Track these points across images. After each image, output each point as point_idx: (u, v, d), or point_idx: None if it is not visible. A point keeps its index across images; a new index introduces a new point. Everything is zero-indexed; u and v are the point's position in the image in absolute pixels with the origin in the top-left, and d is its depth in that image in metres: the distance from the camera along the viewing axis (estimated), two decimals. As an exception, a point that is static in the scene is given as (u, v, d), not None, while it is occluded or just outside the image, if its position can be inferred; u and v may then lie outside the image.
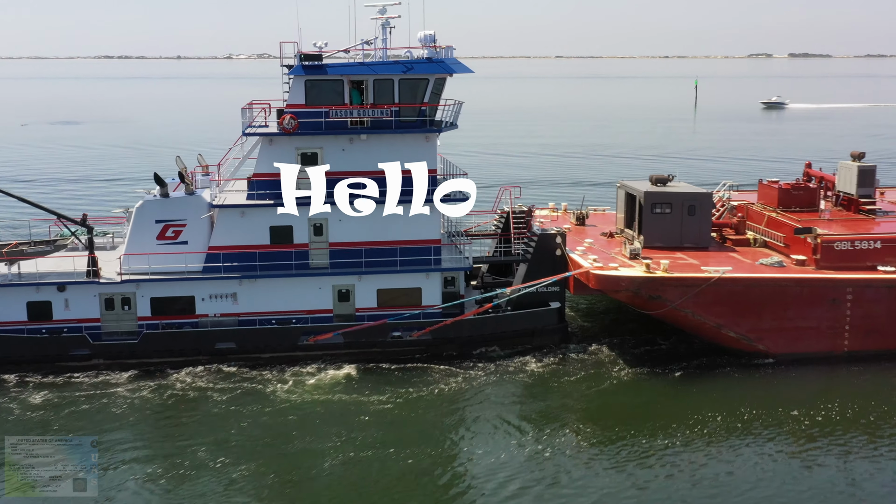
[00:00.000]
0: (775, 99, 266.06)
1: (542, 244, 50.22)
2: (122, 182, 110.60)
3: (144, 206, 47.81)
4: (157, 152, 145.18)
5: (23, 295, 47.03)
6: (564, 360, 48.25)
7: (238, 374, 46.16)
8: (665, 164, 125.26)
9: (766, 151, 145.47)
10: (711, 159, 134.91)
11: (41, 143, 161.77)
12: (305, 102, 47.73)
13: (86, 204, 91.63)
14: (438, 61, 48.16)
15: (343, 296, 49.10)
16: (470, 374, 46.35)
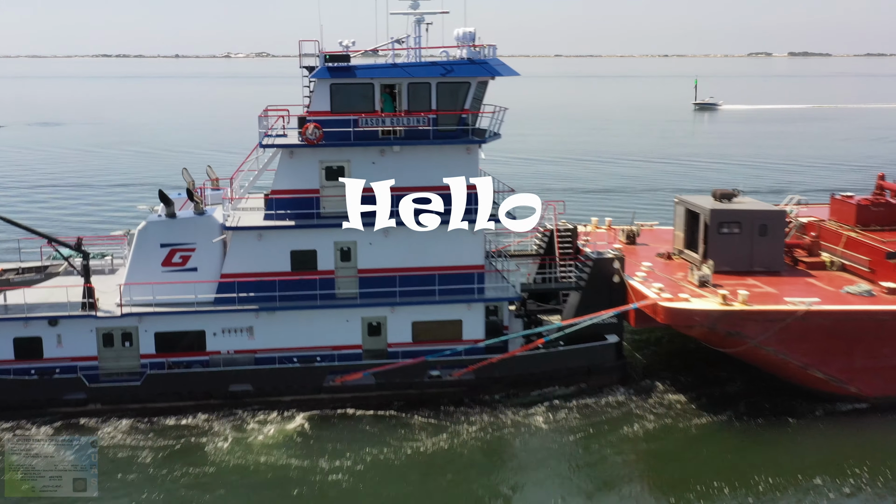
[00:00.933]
0: (708, 100, 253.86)
1: (598, 270, 44.30)
2: (112, 190, 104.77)
3: (148, 227, 41.87)
4: (153, 157, 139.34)
5: (9, 330, 41.09)
6: (624, 403, 42.41)
7: (255, 421, 40.24)
8: (668, 168, 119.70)
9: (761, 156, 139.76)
10: (707, 165, 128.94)
11: (17, 147, 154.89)
12: (331, 109, 41.81)
13: (72, 217, 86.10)
14: (481, 62, 42.27)
15: (374, 329, 43.19)
16: (516, 419, 40.67)
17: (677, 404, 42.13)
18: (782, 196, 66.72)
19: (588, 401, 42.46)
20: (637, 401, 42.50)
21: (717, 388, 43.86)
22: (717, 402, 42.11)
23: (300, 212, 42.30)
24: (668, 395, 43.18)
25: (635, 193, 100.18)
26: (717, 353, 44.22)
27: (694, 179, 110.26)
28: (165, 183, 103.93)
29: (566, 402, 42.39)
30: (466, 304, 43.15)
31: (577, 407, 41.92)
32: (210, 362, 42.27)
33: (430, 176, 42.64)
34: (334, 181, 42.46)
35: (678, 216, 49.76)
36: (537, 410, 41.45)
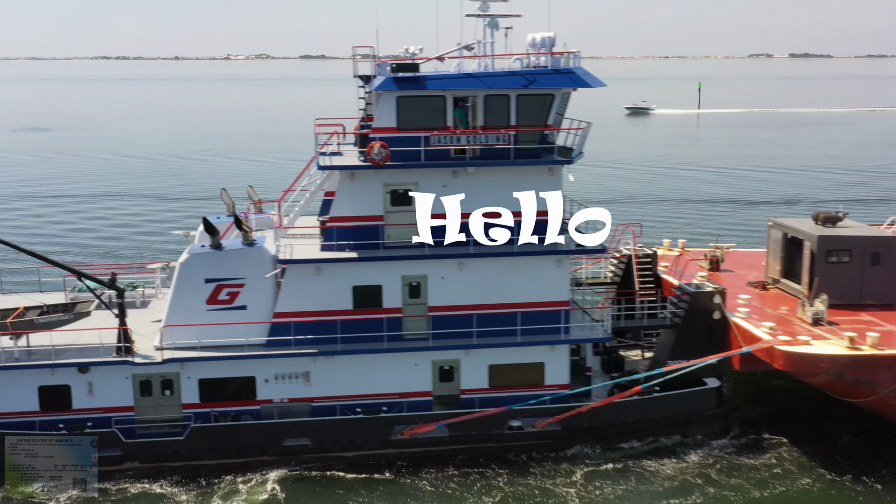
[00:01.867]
0: (641, 104, 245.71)
1: (697, 305, 39.26)
2: (106, 199, 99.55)
3: (191, 260, 36.77)
4: (152, 166, 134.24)
5: (34, 378, 36.02)
6: (728, 458, 37.47)
7: (320, 483, 35.18)
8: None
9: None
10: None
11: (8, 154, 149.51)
12: (397, 125, 36.74)
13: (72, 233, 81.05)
14: (567, 72, 37.26)
15: (446, 374, 38.16)
16: (606, 477, 35.79)
17: (787, 461, 37.15)
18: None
19: (684, 455, 37.48)
20: (742, 456, 37.57)
21: (828, 442, 38.78)
22: (830, 460, 37.03)
23: (362, 242, 37.23)
24: (776, 448, 38.22)
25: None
26: (824, 399, 39.28)
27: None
28: (171, 193, 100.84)
29: (659, 457, 37.40)
30: (550, 345, 38.08)
31: (672, 463, 36.94)
32: (261, 412, 37.22)
33: (509, 200, 37.61)
34: (400, 207, 37.44)
35: (773, 241, 44.74)
36: (630, 466, 36.47)
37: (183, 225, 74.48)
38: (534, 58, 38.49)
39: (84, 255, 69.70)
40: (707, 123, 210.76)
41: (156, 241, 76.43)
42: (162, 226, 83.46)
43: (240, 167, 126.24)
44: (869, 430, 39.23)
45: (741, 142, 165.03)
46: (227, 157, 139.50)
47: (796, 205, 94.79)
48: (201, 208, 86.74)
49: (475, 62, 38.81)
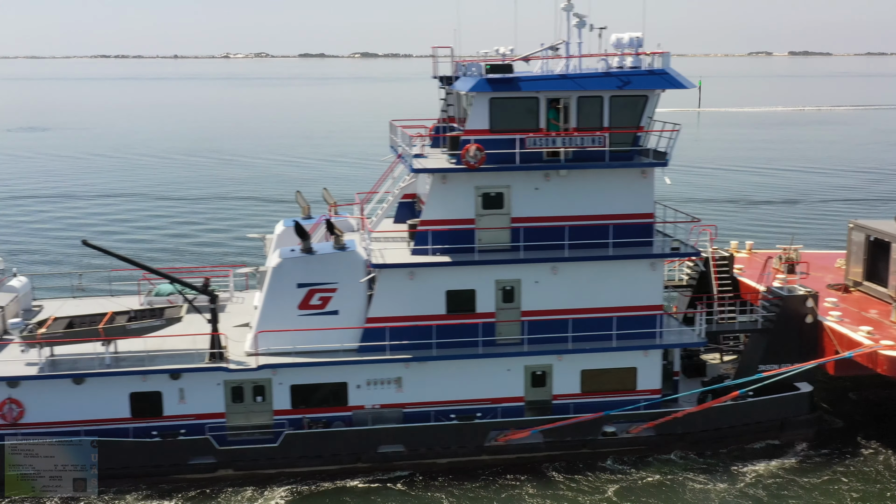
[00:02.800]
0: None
1: (789, 309, 38.78)
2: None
3: (284, 265, 36.25)
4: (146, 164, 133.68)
5: (125, 384, 35.51)
6: (821, 463, 37.02)
7: (412, 490, 34.74)
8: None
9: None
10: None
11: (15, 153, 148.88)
12: (489, 127, 36.23)
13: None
14: (661, 72, 36.77)
15: (538, 379, 37.67)
16: (697, 484, 35.34)
17: (880, 466, 36.72)
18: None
19: (780, 460, 37.11)
20: (835, 461, 37.17)
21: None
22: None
23: (455, 246, 36.73)
24: (868, 454, 37.81)
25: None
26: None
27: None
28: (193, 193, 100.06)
29: (752, 462, 37.01)
30: (644, 350, 37.61)
31: (767, 467, 36.55)
32: (353, 418, 36.73)
33: (601, 203, 37.15)
34: (492, 210, 36.95)
35: (855, 243, 44.28)
36: (723, 472, 36.09)
37: (245, 227, 74.51)
38: (618, 58, 37.97)
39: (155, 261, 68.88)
40: (708, 122, 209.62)
41: (220, 244, 76.05)
42: (228, 227, 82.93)
43: (282, 170, 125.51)
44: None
45: (744, 142, 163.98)
46: (270, 159, 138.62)
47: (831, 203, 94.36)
48: (260, 211, 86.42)
49: (560, 64, 38.35)
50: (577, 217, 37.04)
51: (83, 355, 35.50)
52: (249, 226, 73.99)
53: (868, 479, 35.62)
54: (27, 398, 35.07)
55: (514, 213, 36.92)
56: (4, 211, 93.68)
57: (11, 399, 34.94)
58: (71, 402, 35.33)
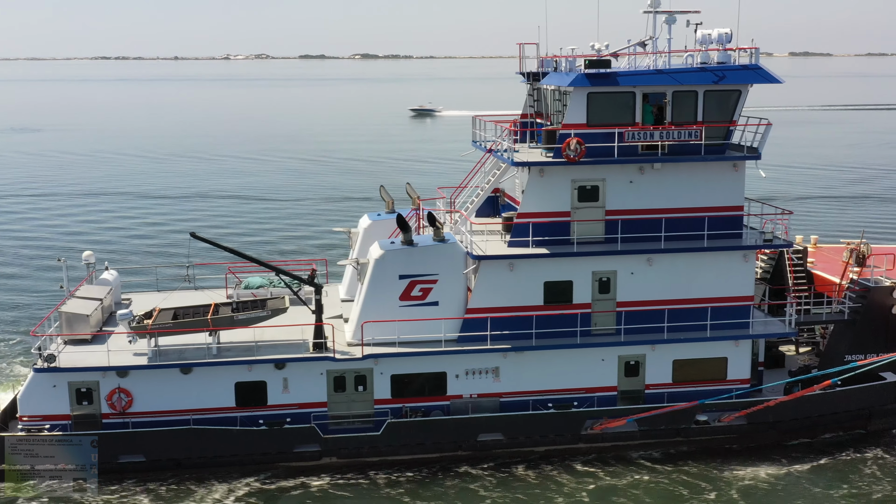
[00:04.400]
0: (428, 105, 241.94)
1: (875, 300, 39.50)
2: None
3: (386, 256, 36.90)
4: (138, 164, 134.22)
5: (231, 374, 36.15)
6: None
7: (509, 478, 35.41)
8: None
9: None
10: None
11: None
12: (587, 121, 36.91)
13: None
14: (755, 68, 37.48)
15: (631, 369, 38.35)
16: (785, 472, 36.14)
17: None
18: None
19: (868, 449, 37.91)
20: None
21: None
22: None
23: (551, 238, 37.40)
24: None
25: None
26: None
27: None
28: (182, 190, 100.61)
29: (843, 450, 37.76)
30: (734, 340, 38.30)
31: (855, 456, 37.37)
32: (451, 408, 37.39)
33: (694, 196, 37.85)
34: (588, 202, 37.63)
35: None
36: (812, 461, 36.87)
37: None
38: (702, 54, 38.61)
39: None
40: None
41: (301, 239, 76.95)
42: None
43: (339, 169, 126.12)
44: None
45: (801, 139, 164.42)
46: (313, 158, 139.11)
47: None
48: (334, 208, 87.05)
49: (647, 59, 39.04)
50: (669, 210, 37.71)
51: (190, 345, 36.10)
52: (332, 222, 74.48)
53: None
54: (136, 387, 35.69)
55: (608, 205, 37.59)
56: (90, 209, 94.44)
57: (121, 388, 35.55)
58: (178, 392, 35.94)
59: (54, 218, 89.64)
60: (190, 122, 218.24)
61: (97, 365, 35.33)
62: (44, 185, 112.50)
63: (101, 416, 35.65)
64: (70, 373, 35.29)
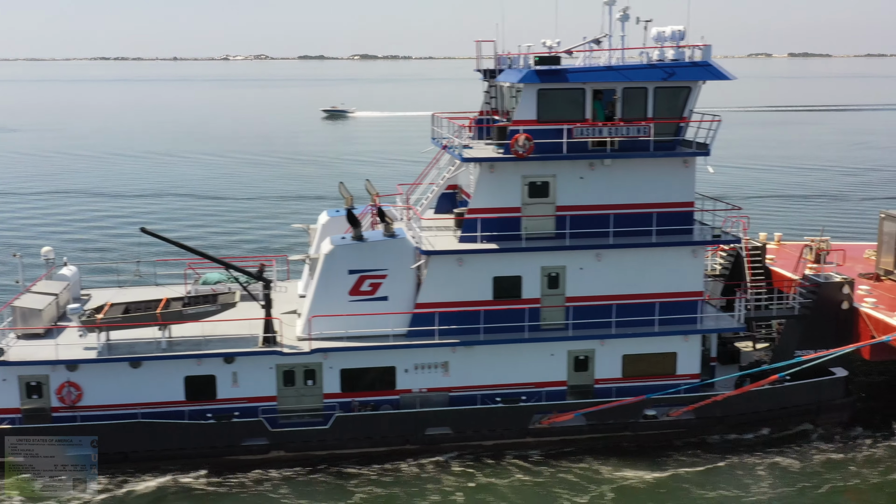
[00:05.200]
0: (340, 106, 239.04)
1: (825, 296, 39.71)
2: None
3: (336, 252, 37.14)
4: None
5: (180, 368, 36.37)
6: (856, 446, 37.88)
7: (457, 470, 35.61)
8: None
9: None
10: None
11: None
12: (537, 118, 37.13)
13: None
14: (704, 64, 37.67)
15: (580, 364, 38.56)
16: (733, 466, 36.31)
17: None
18: None
19: (816, 444, 38.06)
20: (870, 444, 38.00)
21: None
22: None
23: (501, 233, 37.63)
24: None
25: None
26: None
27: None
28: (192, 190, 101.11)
29: (790, 444, 37.94)
30: (684, 335, 38.52)
31: (802, 450, 37.48)
32: (400, 402, 37.61)
33: (644, 192, 38.07)
34: (538, 198, 37.84)
35: (886, 233, 45.18)
36: (759, 455, 37.04)
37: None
38: (658, 51, 38.83)
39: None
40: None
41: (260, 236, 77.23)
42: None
43: (311, 167, 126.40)
44: None
45: (769, 140, 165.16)
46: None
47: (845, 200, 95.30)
48: (302, 206, 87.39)
49: (603, 56, 39.25)
50: (620, 206, 37.90)
51: (140, 340, 36.33)
52: (292, 219, 74.66)
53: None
54: (85, 381, 35.91)
55: (559, 201, 37.80)
56: (53, 204, 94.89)
57: (70, 382, 35.77)
58: (128, 386, 36.17)
59: (19, 213, 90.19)
60: (169, 122, 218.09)
61: (47, 359, 35.52)
62: (10, 182, 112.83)
63: (51, 409, 35.86)
64: (20, 367, 35.51)
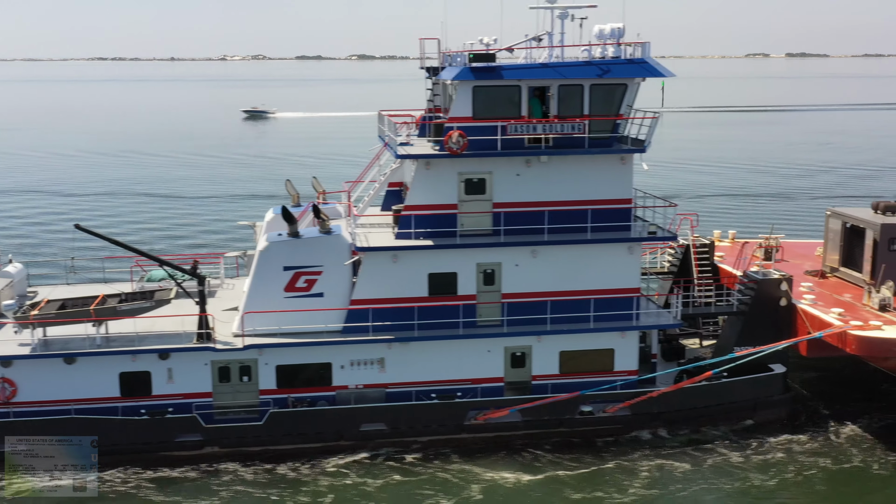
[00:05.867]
0: (261, 107, 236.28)
1: (764, 292, 39.79)
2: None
3: (270, 248, 37.23)
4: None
5: (115, 364, 36.44)
6: (794, 442, 37.97)
7: (394, 466, 35.70)
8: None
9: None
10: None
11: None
12: (472, 115, 37.20)
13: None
14: (640, 62, 37.77)
15: (517, 360, 38.65)
16: (671, 462, 36.34)
17: (850, 444, 37.68)
18: None
19: (754, 440, 38.10)
20: (807, 440, 38.15)
21: (892, 426, 39.36)
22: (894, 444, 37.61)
23: (437, 230, 37.71)
24: (839, 433, 38.73)
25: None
26: (885, 382, 39.95)
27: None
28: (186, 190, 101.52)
29: (724, 442, 38.00)
30: (621, 332, 38.61)
31: (741, 447, 37.54)
32: (336, 398, 37.70)
33: (581, 189, 38.15)
34: (475, 195, 37.93)
35: (831, 230, 45.30)
36: (697, 451, 37.13)
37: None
38: (600, 48, 38.92)
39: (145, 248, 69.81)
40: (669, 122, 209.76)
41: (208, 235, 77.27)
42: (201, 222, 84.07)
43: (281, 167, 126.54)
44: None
45: (734, 140, 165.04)
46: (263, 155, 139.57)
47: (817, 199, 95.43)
48: (258, 204, 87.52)
49: (544, 54, 39.33)
50: (557, 202, 38.00)
51: (75, 336, 36.39)
52: (247, 217, 74.86)
53: (838, 458, 36.52)
54: (20, 377, 35.98)
55: (496, 198, 37.88)
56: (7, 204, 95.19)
57: (4, 378, 35.84)
58: (62, 382, 36.22)
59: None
60: (130, 122, 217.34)
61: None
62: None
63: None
64: (-47, 363, 35.55)
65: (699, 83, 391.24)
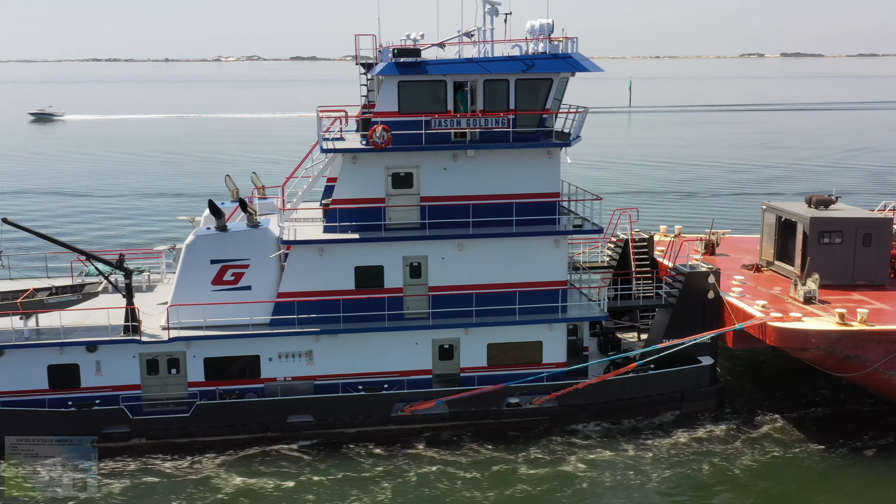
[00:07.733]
0: (48, 109, 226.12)
1: (691, 285, 40.16)
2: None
3: (197, 241, 37.55)
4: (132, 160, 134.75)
5: (43, 357, 36.73)
6: (722, 432, 38.31)
7: (322, 458, 36.00)
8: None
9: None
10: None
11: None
12: (398, 110, 37.55)
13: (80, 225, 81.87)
14: (565, 57, 38.10)
15: (445, 353, 38.98)
16: (600, 454, 36.64)
17: (777, 434, 38.07)
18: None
19: (682, 431, 38.40)
20: (735, 430, 38.50)
21: (816, 415, 39.82)
22: (834, 433, 37.91)
23: (365, 223, 38.04)
24: (767, 423, 39.12)
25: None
26: (813, 376, 40.33)
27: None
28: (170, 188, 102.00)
29: (657, 432, 38.33)
30: (548, 324, 38.95)
31: (669, 438, 37.84)
32: (265, 390, 38.00)
33: (508, 183, 38.50)
34: (402, 189, 38.26)
35: (767, 224, 45.70)
36: (625, 442, 37.38)
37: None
38: (532, 44, 39.29)
39: (91, 245, 70.08)
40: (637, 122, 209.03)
41: (153, 229, 77.38)
42: (158, 216, 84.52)
43: (231, 160, 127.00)
44: (857, 403, 40.29)
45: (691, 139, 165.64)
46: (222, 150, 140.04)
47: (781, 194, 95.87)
48: (200, 198, 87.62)
49: (475, 48, 39.64)
50: (484, 196, 38.33)
51: (3, 329, 36.67)
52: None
53: (764, 448, 36.86)
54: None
55: (423, 192, 38.22)
56: None
57: (-68, 371, 36.06)
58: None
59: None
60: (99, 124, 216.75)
61: None
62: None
63: None
64: None
65: (681, 84, 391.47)
